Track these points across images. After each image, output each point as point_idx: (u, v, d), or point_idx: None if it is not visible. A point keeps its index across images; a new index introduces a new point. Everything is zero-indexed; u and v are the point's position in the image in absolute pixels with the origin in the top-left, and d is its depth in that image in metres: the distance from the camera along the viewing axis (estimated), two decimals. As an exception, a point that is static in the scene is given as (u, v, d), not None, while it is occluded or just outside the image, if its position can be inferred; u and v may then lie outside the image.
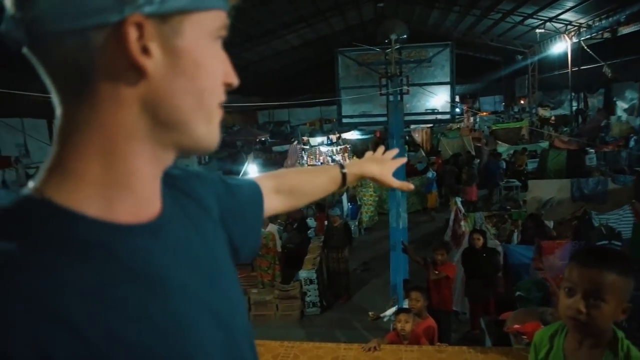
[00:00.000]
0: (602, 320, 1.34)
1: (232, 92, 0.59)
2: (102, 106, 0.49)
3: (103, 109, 0.50)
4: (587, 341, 1.40)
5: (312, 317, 6.89)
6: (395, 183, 1.20)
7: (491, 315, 5.12)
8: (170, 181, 0.63)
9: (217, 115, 0.57)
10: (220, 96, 0.57)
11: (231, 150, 18.93)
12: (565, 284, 1.39)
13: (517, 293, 4.88)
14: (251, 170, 12.25)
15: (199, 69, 0.53)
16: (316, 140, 18.96)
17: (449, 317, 5.23)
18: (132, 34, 0.47)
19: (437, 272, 5.01)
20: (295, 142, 17.44)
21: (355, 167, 1.14)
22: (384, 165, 1.17)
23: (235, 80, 0.59)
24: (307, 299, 6.91)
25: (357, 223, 10.85)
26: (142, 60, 0.48)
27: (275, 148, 19.73)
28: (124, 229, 0.52)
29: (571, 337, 1.45)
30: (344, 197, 11.12)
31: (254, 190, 0.88)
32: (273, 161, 16.36)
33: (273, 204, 0.95)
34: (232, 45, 16.44)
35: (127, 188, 0.53)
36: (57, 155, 0.51)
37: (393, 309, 4.61)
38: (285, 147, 18.21)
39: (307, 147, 17.33)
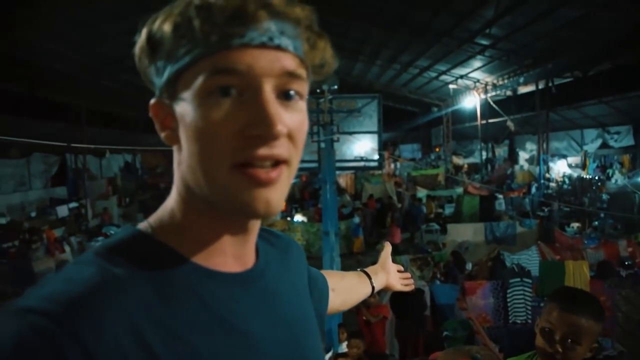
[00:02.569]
0: (576, 359, 1.47)
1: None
2: (175, 169, 0.59)
3: (175, 171, 0.59)
4: None
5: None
6: (401, 287, 1.29)
7: (420, 355, 5.29)
8: (274, 240, 0.71)
9: (236, 177, 0.52)
10: (227, 155, 0.51)
11: (154, 192, 18.24)
12: (545, 324, 1.51)
13: (445, 333, 5.11)
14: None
15: (189, 132, 0.53)
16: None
17: (382, 359, 5.33)
18: (156, 113, 0.58)
19: (372, 319, 5.10)
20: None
21: (379, 280, 1.20)
22: (391, 273, 1.26)
23: (259, 130, 0.51)
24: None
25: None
26: (161, 134, 0.58)
27: (200, 191, 19.23)
28: (214, 275, 0.57)
29: None
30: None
31: (324, 283, 0.92)
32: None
33: (330, 301, 0.95)
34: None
35: (211, 240, 0.58)
36: (168, 198, 0.60)
37: (329, 355, 4.63)
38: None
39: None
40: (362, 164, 7.91)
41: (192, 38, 0.51)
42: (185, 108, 0.53)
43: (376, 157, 7.82)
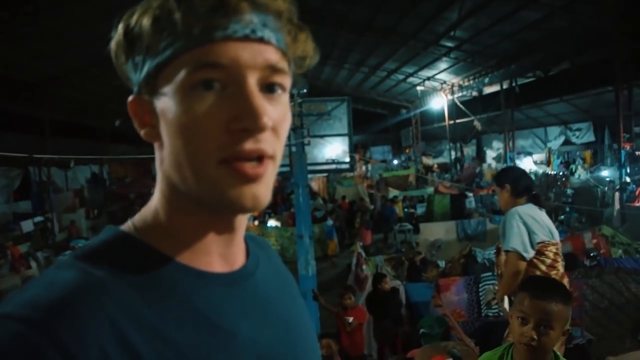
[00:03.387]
0: (550, 344, 1.55)
1: (123, 143, 0.55)
2: (157, 168, 0.58)
3: (158, 170, 0.58)
4: None
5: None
6: None
7: (399, 354, 5.34)
8: (260, 242, 0.70)
9: (223, 172, 0.51)
10: (213, 150, 0.50)
11: (124, 203, 17.84)
12: (518, 314, 1.58)
13: (421, 330, 5.17)
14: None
15: (170, 128, 0.52)
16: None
17: (361, 360, 5.35)
18: (134, 110, 0.56)
19: (350, 321, 5.10)
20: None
21: None
22: None
23: (244, 123, 0.50)
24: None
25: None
26: (140, 132, 0.56)
27: (171, 200, 18.92)
28: (200, 275, 0.56)
29: (518, 358, 1.62)
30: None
31: None
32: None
33: None
34: (125, 94, 15.88)
35: (197, 240, 0.57)
36: (152, 197, 0.59)
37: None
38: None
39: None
40: (333, 166, 7.95)
41: (173, 31, 0.49)
42: (167, 103, 0.51)
43: (347, 159, 7.86)
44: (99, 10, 8.62)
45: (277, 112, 0.53)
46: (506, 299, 2.93)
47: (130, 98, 0.56)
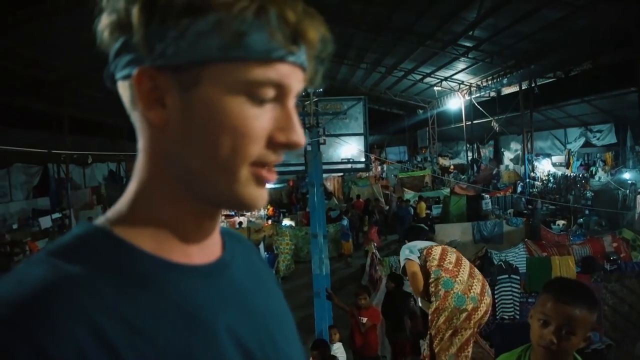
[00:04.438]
0: (570, 349, 1.48)
1: (129, 139, 0.52)
2: (144, 153, 0.55)
3: (144, 156, 0.55)
4: None
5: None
6: None
7: (407, 354, 5.28)
8: (234, 235, 0.70)
9: (247, 173, 0.52)
10: (253, 155, 0.52)
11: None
12: (540, 316, 1.51)
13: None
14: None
15: (212, 123, 0.50)
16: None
17: (374, 361, 5.31)
18: (144, 85, 0.50)
19: (364, 322, 5.07)
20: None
21: None
22: None
23: (290, 139, 0.53)
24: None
25: (274, 272, 10.73)
26: (146, 112, 0.51)
27: (187, 197, 19.10)
28: (177, 268, 0.55)
29: (536, 359, 1.57)
30: (261, 247, 11.03)
31: None
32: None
33: None
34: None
35: (176, 231, 0.56)
36: (127, 189, 0.57)
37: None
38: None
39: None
40: (349, 166, 7.91)
41: (260, 36, 0.48)
42: (212, 97, 0.50)
43: (363, 159, 7.83)
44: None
45: None
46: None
47: (140, 68, 0.49)
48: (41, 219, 13.94)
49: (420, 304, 3.77)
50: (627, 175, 14.67)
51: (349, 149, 8.10)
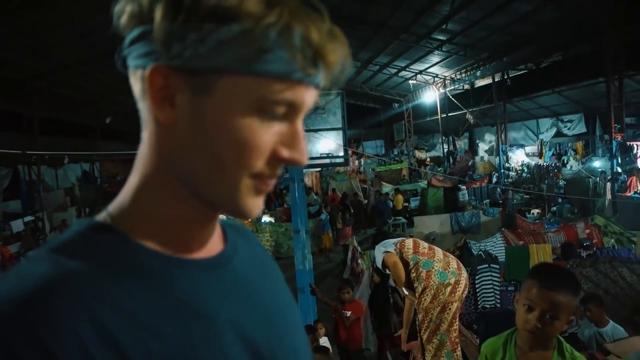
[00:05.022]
0: (554, 333, 1.54)
1: (114, 140, 0.51)
2: (147, 146, 0.54)
3: (148, 149, 0.54)
4: (537, 347, 1.59)
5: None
6: None
7: (397, 346, 5.33)
8: (238, 228, 0.70)
9: (247, 184, 0.52)
10: (255, 168, 0.51)
11: (116, 201, 17.69)
12: (525, 301, 1.56)
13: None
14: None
15: (220, 132, 0.50)
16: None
17: (359, 355, 5.34)
18: (156, 82, 0.49)
19: (348, 315, 5.10)
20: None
21: None
22: None
23: (293, 157, 0.53)
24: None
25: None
26: (154, 109, 0.50)
27: (164, 197, 18.83)
28: (178, 262, 0.55)
29: (522, 344, 1.63)
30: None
31: None
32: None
33: None
34: (115, 92, 15.73)
35: (177, 227, 0.56)
36: (129, 181, 0.56)
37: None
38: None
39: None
40: (328, 161, 7.89)
41: (281, 54, 0.48)
42: (223, 107, 0.49)
43: (342, 153, 7.82)
44: (88, 5, 8.49)
45: None
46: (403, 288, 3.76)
47: (155, 65, 0.49)
48: (13, 222, 13.56)
49: (405, 293, 3.81)
50: (597, 164, 15.10)
51: (327, 143, 8.09)
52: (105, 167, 22.49)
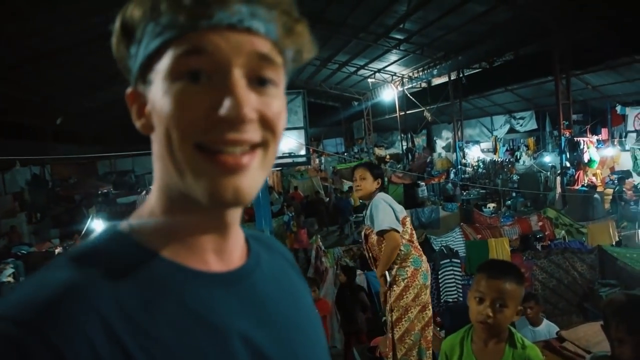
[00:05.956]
0: (505, 321, 1.66)
1: (66, 142, 0.56)
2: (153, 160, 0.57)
3: (153, 163, 0.56)
4: (491, 340, 1.69)
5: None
6: None
7: (363, 343, 5.39)
8: (265, 241, 0.69)
9: (200, 158, 0.50)
10: (194, 134, 0.49)
11: (69, 205, 17.02)
12: (475, 294, 1.68)
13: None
14: (97, 225, 11.14)
15: (157, 112, 0.51)
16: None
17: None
18: (131, 103, 0.57)
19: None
20: (144, 192, 16.47)
21: None
22: None
23: (224, 112, 0.48)
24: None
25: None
26: (137, 124, 0.56)
27: (120, 200, 18.24)
28: (193, 274, 0.55)
29: (477, 338, 1.73)
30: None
31: None
32: (120, 214, 15.11)
33: None
34: (66, 92, 15.12)
35: (191, 238, 0.56)
36: (150, 193, 0.59)
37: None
38: (132, 198, 17.03)
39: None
40: (290, 160, 7.88)
41: (160, 22, 0.49)
42: (154, 93, 0.52)
43: (303, 152, 7.83)
44: (34, 2, 8.11)
45: (267, 105, 0.52)
46: (387, 273, 3.31)
47: (128, 90, 0.57)
48: (-44, 230, 12.80)
49: (388, 278, 3.34)
50: (547, 159, 15.78)
51: (288, 142, 8.08)
52: (56, 170, 21.51)
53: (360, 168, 3.50)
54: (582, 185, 11.75)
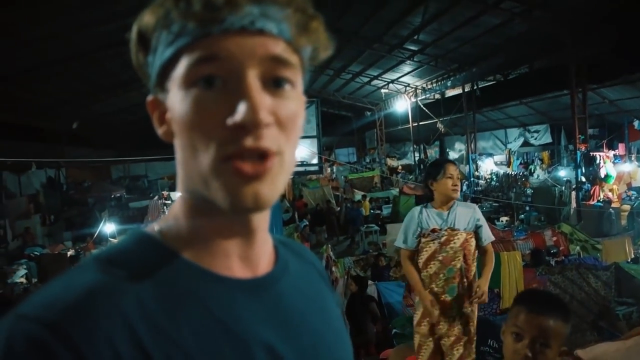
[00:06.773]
0: None
1: (81, 146, 0.56)
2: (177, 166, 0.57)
3: (177, 169, 0.57)
4: None
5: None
6: None
7: (372, 355, 5.34)
8: (296, 249, 0.69)
9: (225, 168, 0.49)
10: (211, 143, 0.49)
11: (82, 208, 17.19)
12: (513, 329, 1.44)
13: (394, 330, 5.20)
14: (108, 229, 11.23)
15: (179, 123, 0.51)
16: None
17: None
18: (152, 110, 0.57)
19: None
20: (156, 197, 16.55)
21: None
22: None
23: (239, 118, 0.48)
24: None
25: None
26: (158, 132, 0.57)
27: (133, 204, 18.39)
28: (219, 280, 0.55)
29: None
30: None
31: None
32: (132, 218, 15.24)
33: None
34: (81, 96, 15.34)
35: (216, 243, 0.56)
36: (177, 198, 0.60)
37: None
38: (144, 202, 17.13)
39: (169, 202, 16.54)
40: (302, 168, 7.90)
41: (172, 30, 0.50)
42: (173, 100, 0.52)
43: (316, 161, 7.84)
44: (51, 7, 8.26)
45: (284, 107, 0.51)
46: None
47: (148, 98, 0.57)
48: (-28, 231, 12.99)
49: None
50: (562, 173, 15.60)
51: (302, 151, 8.10)
52: (71, 174, 21.80)
53: (457, 167, 3.25)
54: (598, 201, 11.57)
